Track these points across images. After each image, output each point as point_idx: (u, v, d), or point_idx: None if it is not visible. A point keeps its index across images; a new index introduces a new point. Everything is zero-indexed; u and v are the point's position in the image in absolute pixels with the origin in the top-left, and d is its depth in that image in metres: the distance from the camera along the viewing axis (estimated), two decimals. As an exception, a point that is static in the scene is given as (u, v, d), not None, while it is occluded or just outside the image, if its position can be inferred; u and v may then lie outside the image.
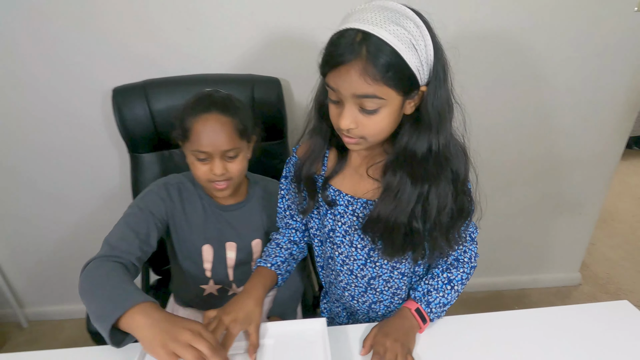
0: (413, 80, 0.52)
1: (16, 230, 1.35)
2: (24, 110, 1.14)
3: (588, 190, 1.47)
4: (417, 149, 0.57)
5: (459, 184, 0.60)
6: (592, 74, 1.23)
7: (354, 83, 0.50)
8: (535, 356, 0.60)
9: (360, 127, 0.54)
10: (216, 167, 0.70)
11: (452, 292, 0.67)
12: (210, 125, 0.69)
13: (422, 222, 0.59)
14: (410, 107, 0.56)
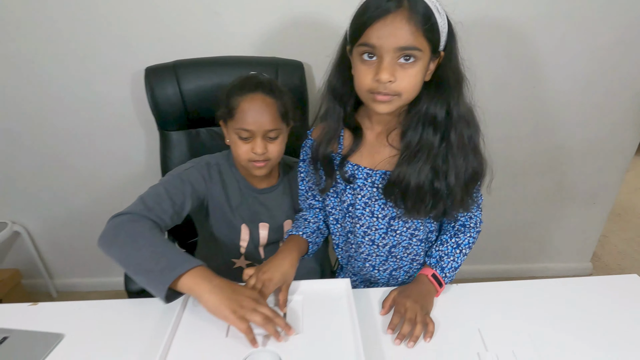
0: (439, 40, 0.56)
1: (48, 204, 1.42)
2: (56, 90, 1.20)
3: (602, 181, 1.48)
4: (437, 112, 0.61)
5: (474, 145, 0.64)
6: (608, 63, 1.23)
7: (399, 33, 0.54)
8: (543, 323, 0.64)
9: (398, 80, 0.57)
10: (258, 146, 0.73)
11: (461, 255, 0.72)
12: (255, 104, 0.72)
13: (443, 181, 0.63)
14: (429, 74, 0.60)
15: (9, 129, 1.25)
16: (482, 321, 0.64)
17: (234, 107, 0.73)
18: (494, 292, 0.71)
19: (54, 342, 0.61)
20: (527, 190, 1.47)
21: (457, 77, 0.61)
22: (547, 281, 0.73)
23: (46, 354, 0.59)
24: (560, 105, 1.30)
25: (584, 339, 0.61)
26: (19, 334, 0.62)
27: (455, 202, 0.65)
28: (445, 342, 0.60)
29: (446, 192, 0.65)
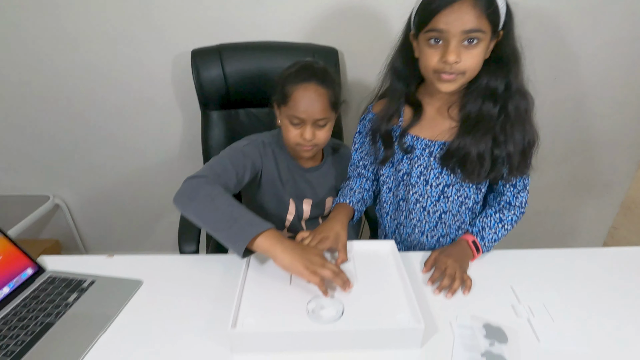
0: (499, 20, 0.63)
1: (87, 180, 1.50)
2: (102, 70, 1.26)
3: (615, 172, 1.53)
4: (497, 86, 0.68)
5: (529, 116, 0.71)
6: (629, 57, 1.27)
7: (466, 17, 0.61)
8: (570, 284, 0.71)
9: (462, 60, 0.65)
10: (307, 132, 0.79)
11: (502, 230, 0.78)
12: (308, 94, 0.77)
13: (502, 148, 0.70)
14: (489, 52, 0.67)
15: (52, 107, 1.32)
16: (515, 280, 0.71)
17: (288, 94, 0.78)
18: (524, 257, 0.78)
19: (136, 287, 0.69)
20: (542, 179, 1.53)
21: (515, 54, 0.67)
22: (571, 250, 0.80)
23: (130, 296, 0.67)
24: (579, 98, 1.36)
25: (606, 297, 0.68)
26: (104, 279, 0.70)
27: (513, 167, 0.72)
28: (482, 296, 0.68)
29: (504, 158, 0.72)
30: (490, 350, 0.56)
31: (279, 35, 1.21)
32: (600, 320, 0.63)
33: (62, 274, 0.71)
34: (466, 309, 0.64)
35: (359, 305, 0.62)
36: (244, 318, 0.59)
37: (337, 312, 0.60)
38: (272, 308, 0.61)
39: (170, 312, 0.64)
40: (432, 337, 0.59)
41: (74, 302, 0.64)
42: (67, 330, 0.59)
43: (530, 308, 0.64)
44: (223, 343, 0.58)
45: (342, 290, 0.64)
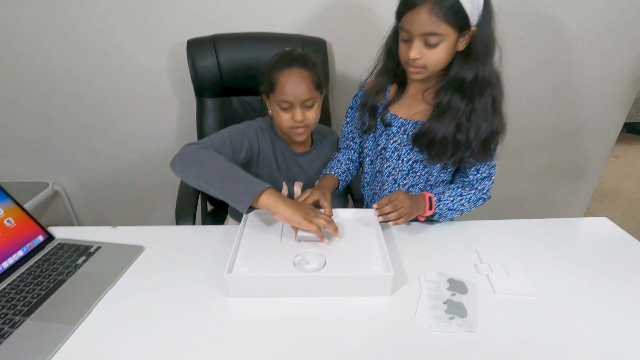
0: (466, 21, 0.70)
1: (86, 167, 1.55)
2: (100, 58, 1.30)
3: (591, 157, 1.62)
4: (466, 76, 0.75)
5: (496, 106, 0.78)
6: (603, 48, 1.35)
7: (422, 22, 0.69)
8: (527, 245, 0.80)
9: (423, 57, 0.73)
10: (297, 114, 0.84)
11: (459, 203, 0.84)
12: (293, 78, 0.83)
13: (465, 135, 0.78)
14: (462, 45, 0.74)
15: (52, 95, 1.37)
16: (479, 245, 0.80)
17: (274, 81, 0.84)
18: (489, 225, 0.87)
19: (138, 252, 0.76)
20: (520, 165, 1.61)
21: (486, 48, 0.74)
22: (531, 220, 0.89)
23: (134, 258, 0.74)
24: (553, 88, 1.43)
25: (557, 256, 0.77)
26: (109, 245, 0.77)
27: (473, 153, 0.80)
28: (450, 257, 0.76)
29: (466, 144, 0.79)
30: (451, 299, 0.64)
31: (271, 26, 1.26)
32: (549, 275, 0.71)
33: (70, 240, 0.78)
34: (434, 267, 0.73)
35: (339, 260, 0.70)
36: (239, 267, 0.67)
37: (319, 264, 0.68)
38: (264, 260, 0.70)
39: (172, 271, 0.72)
40: (401, 288, 0.67)
41: (82, 264, 0.71)
42: (78, 286, 0.66)
43: (490, 266, 0.73)
44: (220, 289, 0.66)
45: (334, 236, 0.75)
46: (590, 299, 0.66)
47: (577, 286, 0.69)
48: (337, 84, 1.39)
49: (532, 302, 0.65)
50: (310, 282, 0.64)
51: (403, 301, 0.65)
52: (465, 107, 0.77)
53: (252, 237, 0.77)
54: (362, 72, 1.36)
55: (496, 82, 0.78)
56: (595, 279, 0.71)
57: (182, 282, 0.69)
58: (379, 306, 0.64)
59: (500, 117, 0.80)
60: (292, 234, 0.77)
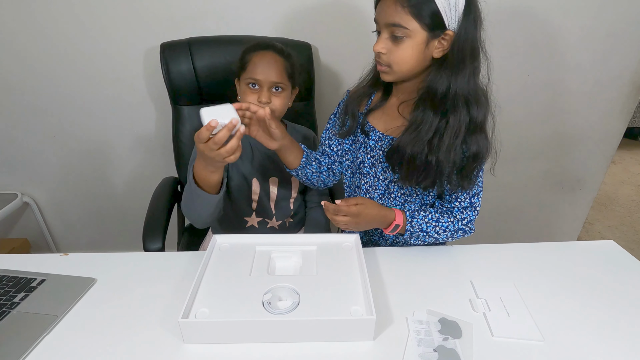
0: (438, 20, 0.62)
1: (57, 177, 1.46)
2: (69, 65, 1.22)
3: (589, 166, 1.56)
4: (437, 87, 0.66)
5: (476, 128, 0.68)
6: (601, 53, 1.30)
7: (387, 11, 0.63)
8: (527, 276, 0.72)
9: (388, 53, 0.66)
10: (263, 95, 0.81)
11: (433, 229, 0.74)
12: (266, 58, 0.82)
13: (435, 156, 0.68)
14: (438, 51, 0.66)
15: (20, 101, 1.28)
16: (474, 275, 0.71)
17: (247, 60, 0.83)
18: (485, 251, 0.78)
19: (88, 285, 0.67)
20: (517, 175, 1.55)
21: (461, 57, 0.64)
22: (531, 245, 0.81)
23: (82, 295, 0.65)
24: (551, 94, 1.37)
25: (562, 288, 0.69)
26: (55, 278, 0.68)
27: (449, 178, 0.70)
28: (442, 290, 0.68)
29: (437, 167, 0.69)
30: (443, 345, 0.56)
31: (252, 30, 1.19)
32: (555, 314, 0.63)
33: (10, 272, 0.68)
34: (424, 303, 0.64)
35: (316, 298, 0.61)
36: (199, 308, 0.58)
37: (292, 304, 0.59)
38: (229, 299, 0.60)
39: (123, 310, 0.62)
40: (386, 331, 0.59)
41: (20, 302, 0.62)
42: (11, 330, 0.57)
43: (487, 302, 0.64)
44: (177, 333, 0.57)
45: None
46: (600, 342, 0.58)
47: (586, 325, 0.61)
48: (323, 89, 1.31)
49: (536, 347, 0.57)
50: (281, 327, 0.55)
51: (388, 347, 0.56)
52: (438, 123, 0.68)
53: (218, 269, 0.67)
54: (349, 76, 1.31)
55: (478, 98, 0.68)
56: (605, 316, 0.63)
57: (133, 324, 0.59)
58: (360, 353, 0.55)
59: (482, 139, 0.69)
60: (265, 267, 0.68)
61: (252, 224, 0.97)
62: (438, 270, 0.73)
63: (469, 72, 0.66)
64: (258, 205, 0.95)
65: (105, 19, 1.16)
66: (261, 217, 0.97)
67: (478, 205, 0.76)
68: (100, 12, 1.15)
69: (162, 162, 1.40)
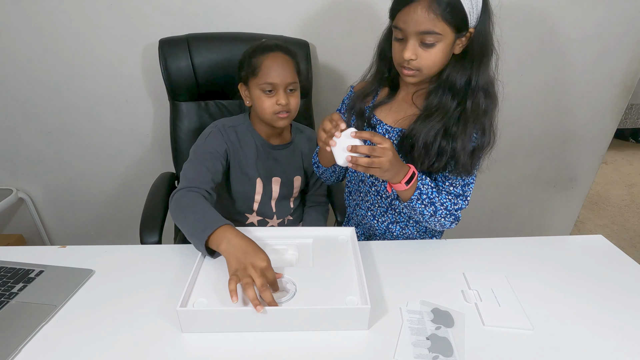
0: (465, 21, 0.64)
1: (52, 173, 1.45)
2: (66, 60, 1.22)
3: (581, 165, 1.59)
4: (456, 80, 0.69)
5: (487, 119, 0.71)
6: (593, 55, 1.32)
7: (419, 19, 0.63)
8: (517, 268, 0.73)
9: (419, 59, 0.67)
10: (281, 97, 0.82)
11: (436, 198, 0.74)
12: (277, 61, 0.82)
13: (450, 141, 0.71)
14: (458, 47, 0.68)
15: (16, 97, 1.28)
16: (467, 267, 0.73)
17: (258, 65, 0.82)
18: (478, 244, 0.80)
19: (86, 276, 0.67)
20: (510, 173, 1.57)
21: (482, 51, 0.68)
22: (522, 238, 0.83)
23: (80, 285, 0.65)
24: (544, 94, 1.40)
25: (552, 280, 0.71)
26: (54, 269, 0.68)
27: (458, 164, 0.72)
28: (435, 282, 0.69)
29: (451, 153, 0.72)
30: (435, 333, 0.57)
31: (250, 27, 1.20)
32: (545, 304, 0.65)
33: (9, 263, 0.69)
34: (418, 294, 0.66)
35: (312, 288, 0.62)
36: (197, 298, 0.59)
37: (289, 294, 0.61)
38: (226, 289, 0.60)
39: (121, 300, 0.63)
40: (380, 320, 0.60)
41: (18, 292, 0.62)
42: (9, 320, 0.57)
43: (479, 293, 0.66)
44: (175, 322, 0.58)
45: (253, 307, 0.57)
46: (588, 330, 0.60)
47: (574, 315, 0.63)
48: (320, 87, 1.32)
49: (526, 336, 0.58)
50: (277, 316, 0.56)
51: (382, 336, 0.58)
52: (455, 109, 0.71)
53: (216, 261, 0.68)
54: (347, 74, 1.32)
55: (491, 90, 0.71)
56: (593, 306, 0.65)
57: (131, 314, 0.60)
58: (355, 342, 0.56)
59: (490, 128, 0.73)
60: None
61: (252, 222, 0.98)
62: (431, 262, 0.74)
63: (487, 64, 0.69)
64: (260, 205, 0.96)
65: (103, 14, 1.16)
66: (261, 217, 0.98)
67: (469, 195, 0.78)
68: (99, 7, 1.15)
69: (159, 158, 1.41)
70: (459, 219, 0.78)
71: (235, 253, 0.63)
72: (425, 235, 0.90)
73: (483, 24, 0.67)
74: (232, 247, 0.64)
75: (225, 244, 0.65)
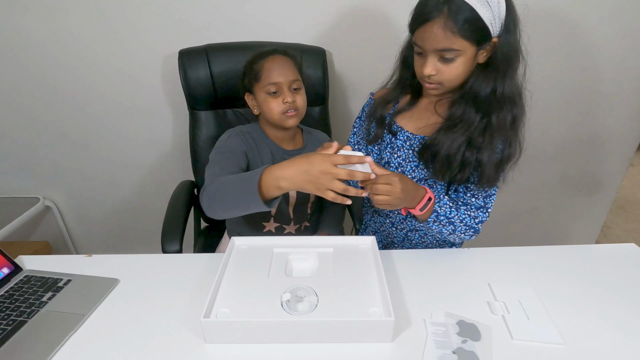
0: (486, 32, 0.63)
1: (78, 182, 1.50)
2: (91, 71, 1.26)
3: (606, 170, 1.53)
4: (481, 89, 0.68)
5: (515, 127, 0.70)
6: (618, 54, 1.28)
7: (436, 38, 0.62)
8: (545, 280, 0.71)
9: (439, 74, 0.67)
10: (287, 95, 0.82)
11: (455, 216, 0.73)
12: (277, 61, 0.84)
13: (475, 153, 0.69)
14: (483, 57, 0.67)
15: (43, 108, 1.32)
16: (492, 278, 0.71)
17: (259, 69, 0.84)
18: (502, 253, 0.78)
19: (111, 286, 0.69)
20: (533, 177, 1.53)
21: (507, 61, 0.66)
22: (549, 247, 0.80)
23: (106, 295, 0.67)
24: (568, 95, 1.36)
25: (582, 291, 0.68)
26: (81, 278, 0.70)
27: (483, 176, 0.71)
28: (459, 293, 0.68)
29: (475, 165, 0.70)
30: (462, 347, 0.56)
31: (268, 36, 1.21)
32: (575, 317, 0.62)
33: (38, 272, 0.71)
34: (442, 305, 0.64)
35: (334, 299, 0.62)
36: (219, 308, 0.59)
37: (311, 305, 0.60)
38: (248, 299, 0.62)
39: (145, 309, 0.64)
40: (404, 333, 0.59)
41: (48, 301, 0.64)
42: (39, 329, 0.59)
43: (506, 305, 0.64)
44: (198, 332, 0.58)
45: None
46: (623, 344, 0.57)
47: (607, 329, 0.60)
48: (336, 95, 1.32)
49: (557, 350, 0.56)
50: (300, 328, 0.56)
51: (406, 349, 0.56)
52: (480, 122, 0.69)
53: (237, 271, 0.69)
54: (363, 82, 1.32)
55: (518, 100, 0.69)
56: (627, 318, 0.62)
57: (156, 324, 0.61)
58: (379, 354, 0.56)
59: (517, 139, 0.71)
60: (282, 268, 0.69)
61: (270, 229, 0.98)
62: (455, 272, 0.73)
63: (513, 74, 0.68)
64: (277, 211, 0.96)
65: (125, 26, 1.19)
66: (278, 223, 0.98)
67: (490, 207, 0.77)
68: (120, 20, 1.18)
69: (179, 166, 1.43)
70: (478, 232, 0.76)
71: (300, 178, 0.60)
72: (445, 244, 0.88)
73: (507, 32, 0.65)
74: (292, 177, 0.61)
75: (282, 181, 0.61)
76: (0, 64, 1.24)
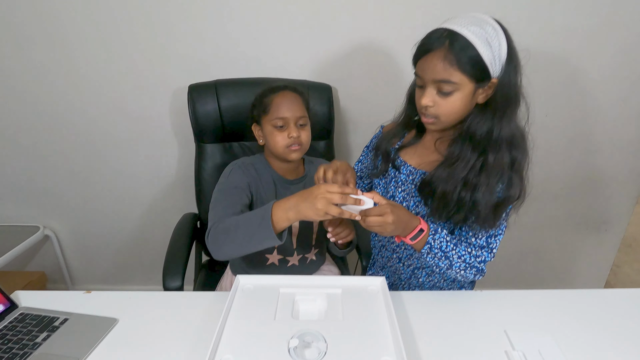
0: (485, 71, 0.64)
1: (79, 212, 1.48)
2: (97, 102, 1.28)
3: (613, 207, 1.51)
4: (477, 129, 0.68)
5: (516, 168, 0.69)
6: (620, 94, 1.30)
7: (435, 68, 0.64)
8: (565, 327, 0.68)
9: (436, 106, 0.67)
10: (292, 130, 0.85)
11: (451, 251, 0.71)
12: (287, 97, 0.86)
13: (470, 193, 0.68)
14: (482, 97, 0.67)
15: (46, 138, 1.34)
16: (509, 324, 0.68)
17: (268, 103, 0.86)
18: (517, 297, 0.75)
19: (110, 326, 0.66)
20: (538, 216, 1.51)
21: (506, 102, 0.66)
22: (567, 291, 0.77)
23: (103, 336, 0.64)
24: (571, 134, 1.37)
25: (603, 339, 0.65)
26: (78, 317, 0.67)
27: (479, 217, 0.69)
28: (475, 341, 0.64)
29: (471, 205, 0.69)
30: (481, 402, 0.52)
31: (275, 72, 1.24)
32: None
33: (34, 310, 0.68)
34: (457, 354, 0.61)
35: (344, 346, 0.58)
36: (223, 354, 0.56)
37: (320, 352, 0.57)
38: (254, 344, 0.58)
39: (145, 353, 0.61)
40: (419, 386, 0.55)
41: (42, 342, 0.61)
42: (30, 375, 0.56)
43: (525, 354, 0.61)
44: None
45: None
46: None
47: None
48: (341, 129, 1.34)
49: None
50: (309, 378, 0.53)
51: (421, 404, 0.53)
52: (475, 161, 0.69)
53: (242, 312, 0.66)
54: (367, 117, 1.34)
55: (520, 141, 0.69)
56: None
57: (156, 370, 0.58)
58: (392, 409, 0.52)
59: (519, 181, 0.70)
60: (289, 310, 0.66)
61: (273, 262, 0.96)
62: (468, 316, 0.70)
63: (512, 116, 0.68)
64: None
65: (136, 59, 1.22)
66: (282, 255, 0.96)
67: (495, 247, 0.74)
68: (132, 53, 1.22)
69: (183, 200, 1.42)
70: (482, 272, 0.74)
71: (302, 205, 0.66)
72: (454, 285, 0.85)
73: (508, 74, 0.65)
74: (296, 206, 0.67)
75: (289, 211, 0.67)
76: (5, 96, 1.27)
